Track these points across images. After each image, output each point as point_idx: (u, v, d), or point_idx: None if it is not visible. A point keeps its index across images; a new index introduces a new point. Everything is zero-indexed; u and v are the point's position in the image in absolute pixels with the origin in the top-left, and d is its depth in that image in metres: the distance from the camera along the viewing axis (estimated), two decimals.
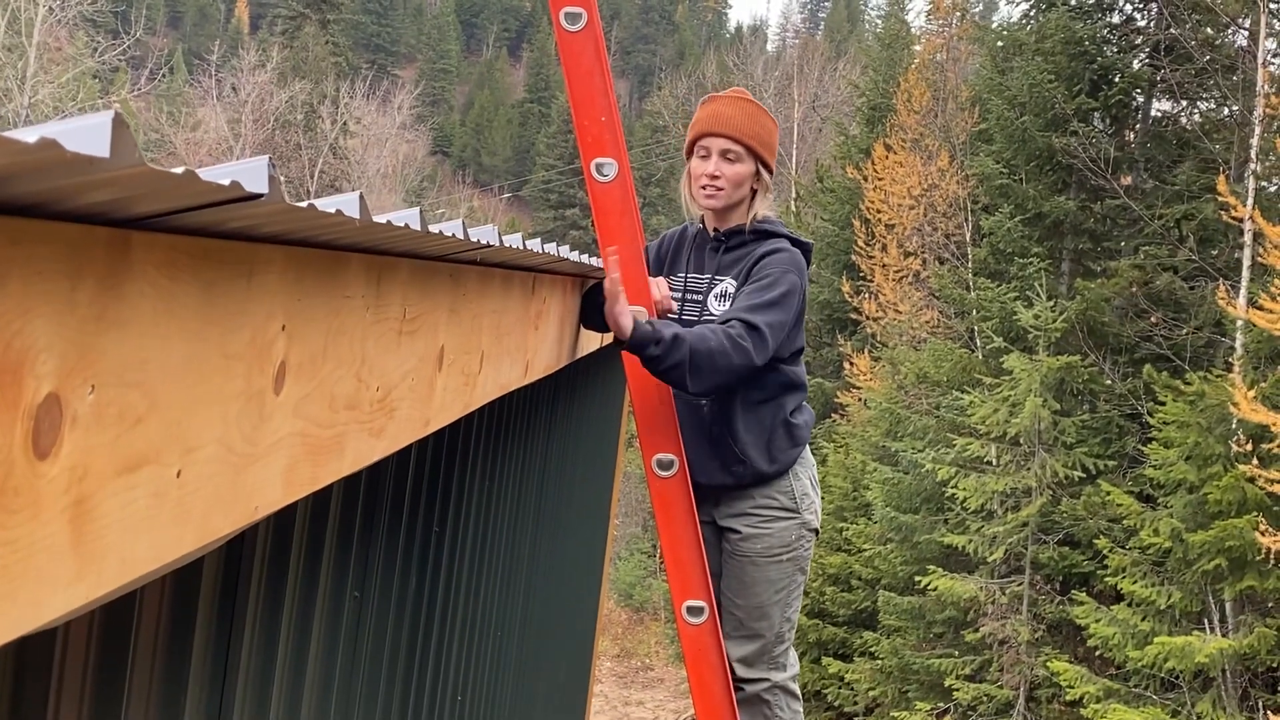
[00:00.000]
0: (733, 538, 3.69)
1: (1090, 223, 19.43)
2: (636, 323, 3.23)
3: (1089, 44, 18.83)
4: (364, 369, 1.41)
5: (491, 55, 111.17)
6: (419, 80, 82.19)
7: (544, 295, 2.88)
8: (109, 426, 0.82)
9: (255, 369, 1.07)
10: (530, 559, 4.34)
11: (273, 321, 1.09)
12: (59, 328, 0.74)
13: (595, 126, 3.42)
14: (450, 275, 1.80)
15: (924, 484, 18.60)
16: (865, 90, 31.33)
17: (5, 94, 40.23)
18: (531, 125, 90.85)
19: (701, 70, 56.22)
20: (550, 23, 3.55)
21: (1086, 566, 17.14)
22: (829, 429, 24.67)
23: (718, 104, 3.72)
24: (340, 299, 1.30)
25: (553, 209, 69.16)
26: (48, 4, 41.13)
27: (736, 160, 3.64)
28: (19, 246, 0.69)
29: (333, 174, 46.12)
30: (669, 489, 3.51)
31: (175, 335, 0.90)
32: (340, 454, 1.36)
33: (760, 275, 3.56)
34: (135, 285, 0.83)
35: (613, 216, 3.46)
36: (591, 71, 3.41)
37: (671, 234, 3.96)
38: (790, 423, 3.68)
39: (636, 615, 30.81)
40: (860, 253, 25.74)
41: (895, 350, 21.94)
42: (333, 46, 58.75)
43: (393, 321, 1.51)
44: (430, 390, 1.76)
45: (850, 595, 20.37)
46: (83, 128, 0.65)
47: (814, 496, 3.77)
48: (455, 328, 1.88)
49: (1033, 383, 16.76)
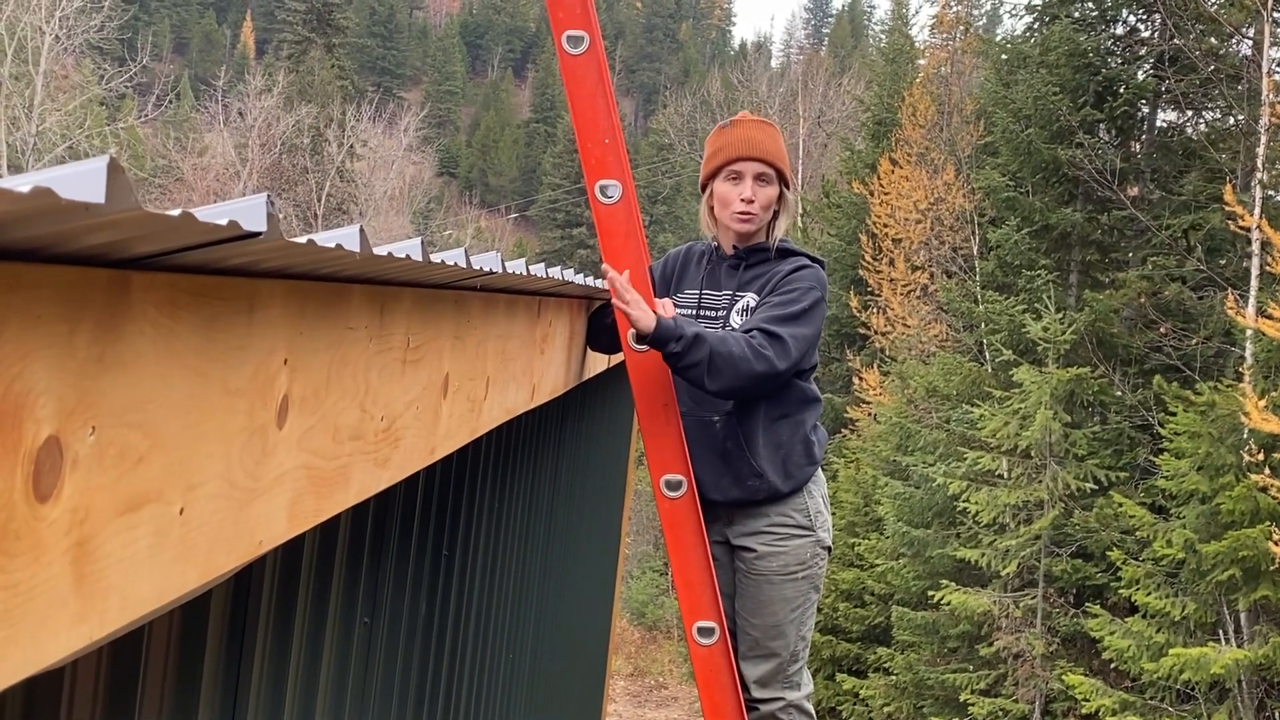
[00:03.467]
0: (747, 556, 3.68)
1: (1097, 234, 19.41)
2: (660, 318, 3.27)
3: (1093, 56, 18.82)
4: (368, 399, 1.41)
5: (497, 76, 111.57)
6: (425, 102, 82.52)
7: (550, 319, 2.88)
8: (110, 467, 0.82)
9: (258, 404, 1.07)
10: (541, 579, 4.33)
11: (275, 356, 1.09)
12: (58, 371, 0.74)
13: (599, 149, 3.43)
14: (454, 302, 1.80)
15: (935, 498, 18.55)
16: (870, 105, 31.35)
17: (13, 122, 40.40)
18: (537, 145, 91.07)
19: (706, 88, 56.30)
20: (554, 45, 3.56)
21: (1100, 579, 17.07)
22: (839, 444, 24.62)
23: (744, 128, 3.74)
24: (343, 330, 1.30)
25: (560, 228, 69.23)
26: (54, 33, 41.31)
27: (768, 183, 3.69)
28: (17, 292, 0.69)
29: (340, 197, 46.22)
30: (678, 510, 3.50)
31: (176, 373, 0.90)
32: (345, 485, 1.36)
33: (785, 289, 3.59)
34: (135, 325, 0.84)
35: (617, 238, 3.47)
36: (594, 94, 3.42)
37: (676, 253, 3.97)
38: (809, 440, 3.69)
39: (649, 634, 30.73)
40: (868, 267, 25.74)
41: (904, 364, 21.91)
42: (338, 70, 58.93)
43: (396, 351, 1.51)
44: (435, 418, 1.76)
45: (863, 611, 20.32)
46: (79, 173, 0.65)
47: (827, 515, 3.77)
48: (460, 354, 1.88)
49: (1043, 395, 16.72)
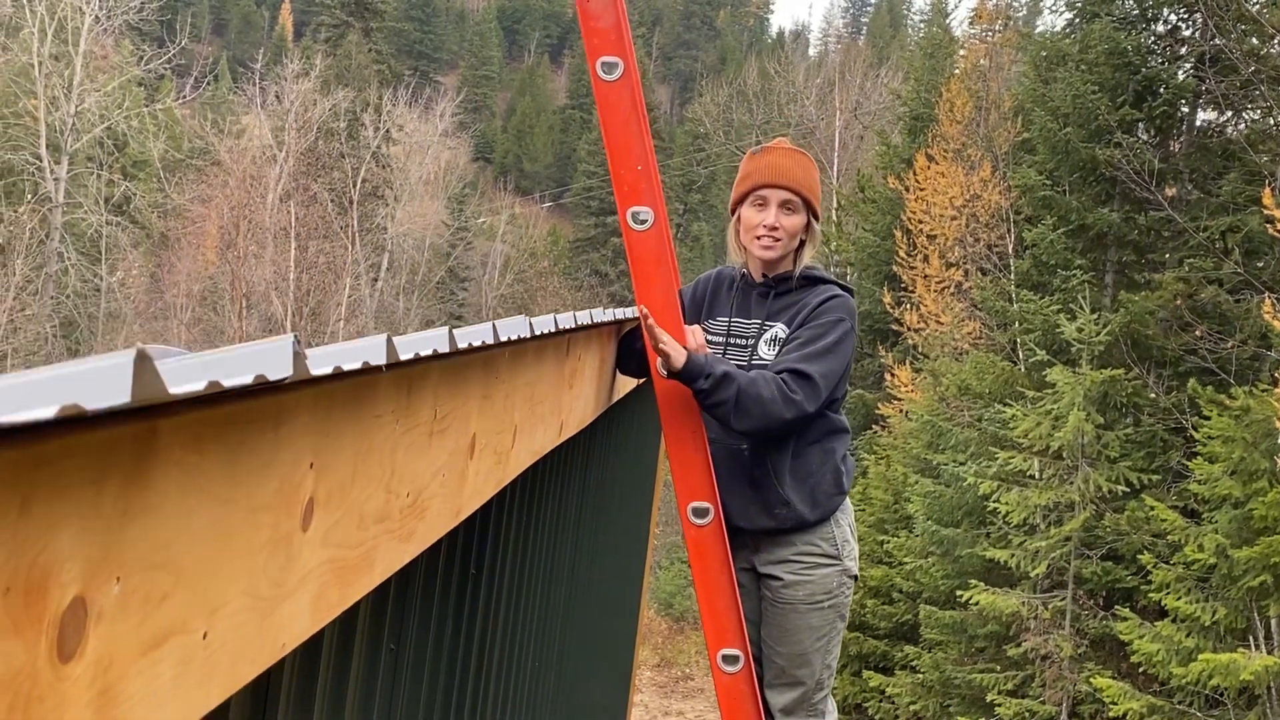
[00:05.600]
0: (774, 585, 3.69)
1: (1134, 235, 19.27)
2: (690, 354, 3.29)
3: (1133, 55, 18.66)
4: (393, 479, 1.42)
5: (533, 61, 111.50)
6: (461, 87, 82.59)
7: (579, 353, 2.88)
8: (134, 612, 0.83)
9: (283, 514, 1.07)
10: (569, 578, 4.34)
11: (300, 463, 1.10)
12: (84, 533, 0.75)
13: (631, 175, 3.43)
14: (482, 364, 1.80)
15: (965, 497, 18.48)
16: (907, 100, 31.19)
17: (52, 102, 40.67)
18: (573, 131, 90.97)
19: (743, 77, 56.13)
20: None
21: (1130, 582, 16.98)
22: (870, 441, 24.56)
23: (774, 156, 3.73)
24: (370, 419, 1.30)
25: (594, 215, 69.14)
26: (94, 13, 41.54)
27: (794, 212, 3.68)
28: (44, 467, 0.70)
29: (375, 181, 46.37)
30: (704, 537, 3.51)
31: (202, 506, 0.91)
32: (369, 569, 1.37)
33: (815, 321, 3.59)
34: (161, 469, 0.84)
35: (648, 265, 3.47)
36: (628, 120, 3.42)
37: (706, 278, 3.97)
38: (839, 470, 3.69)
39: (676, 625, 30.76)
40: (902, 263, 25.62)
41: (937, 362, 21.82)
42: (375, 54, 59.08)
43: (423, 425, 1.52)
44: (462, 480, 1.77)
45: (891, 608, 20.27)
46: (103, 370, 0.66)
47: (854, 543, 3.77)
48: (487, 413, 1.88)
49: (1076, 396, 16.63)
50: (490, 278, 56.17)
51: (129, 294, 40.57)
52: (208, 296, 40.06)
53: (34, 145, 39.97)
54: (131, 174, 44.83)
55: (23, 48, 41.62)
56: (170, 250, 43.73)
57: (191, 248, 43.03)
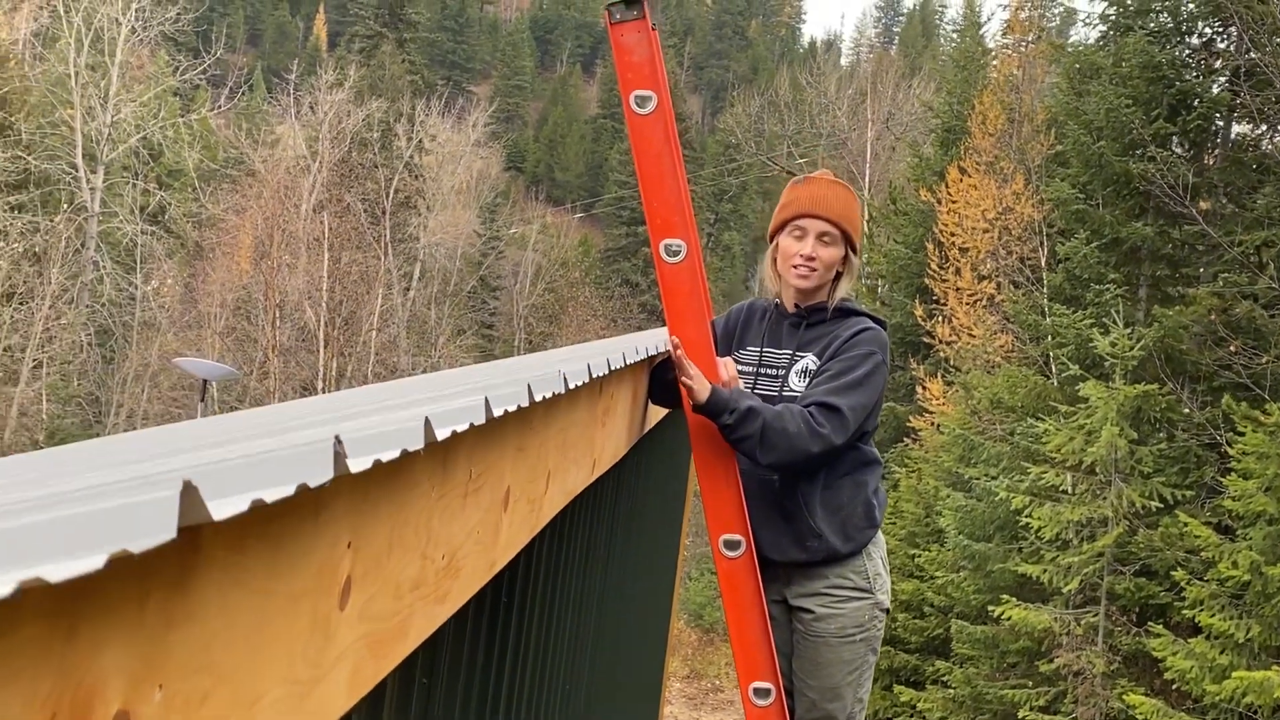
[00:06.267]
0: (805, 618, 3.68)
1: (1168, 249, 19.17)
2: (714, 389, 3.30)
3: (1167, 68, 18.56)
4: (429, 545, 1.42)
5: (565, 71, 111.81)
6: (493, 96, 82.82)
7: (611, 391, 2.89)
8: (174, 716, 0.84)
9: (321, 597, 1.08)
10: (600, 597, 4.34)
11: (339, 544, 1.11)
12: (128, 648, 0.76)
13: (664, 208, 3.44)
14: (517, 419, 1.81)
15: (997, 512, 18.40)
16: (939, 112, 31.12)
17: (89, 112, 41.04)
18: (604, 141, 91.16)
19: (774, 87, 56.10)
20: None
21: (1164, 598, 16.87)
22: (901, 454, 24.49)
23: (815, 186, 3.74)
24: (405, 491, 1.31)
25: (625, 225, 69.23)
26: (130, 24, 41.90)
27: (832, 244, 3.68)
28: (90, 595, 0.71)
29: (408, 191, 46.58)
30: (736, 570, 3.51)
31: (242, 602, 0.92)
32: (404, 636, 1.37)
33: (845, 354, 3.59)
34: (204, 574, 0.85)
35: (681, 297, 3.48)
36: (661, 154, 3.43)
37: (739, 309, 3.98)
38: (870, 503, 3.69)
39: (706, 635, 30.74)
40: (933, 276, 25.56)
41: (969, 375, 21.74)
42: (409, 64, 59.42)
43: (458, 488, 1.52)
44: (496, 534, 1.78)
45: (923, 622, 20.21)
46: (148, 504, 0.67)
47: (886, 576, 3.77)
48: (521, 464, 1.89)
49: (1109, 411, 16.53)
50: (521, 287, 56.29)
51: (163, 303, 40.84)
52: (241, 306, 40.29)
53: (70, 155, 40.32)
54: (166, 184, 45.17)
55: (59, 58, 42.03)
56: (204, 260, 44.01)
57: (225, 257, 43.30)
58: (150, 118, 43.27)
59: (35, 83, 41.95)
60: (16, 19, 44.93)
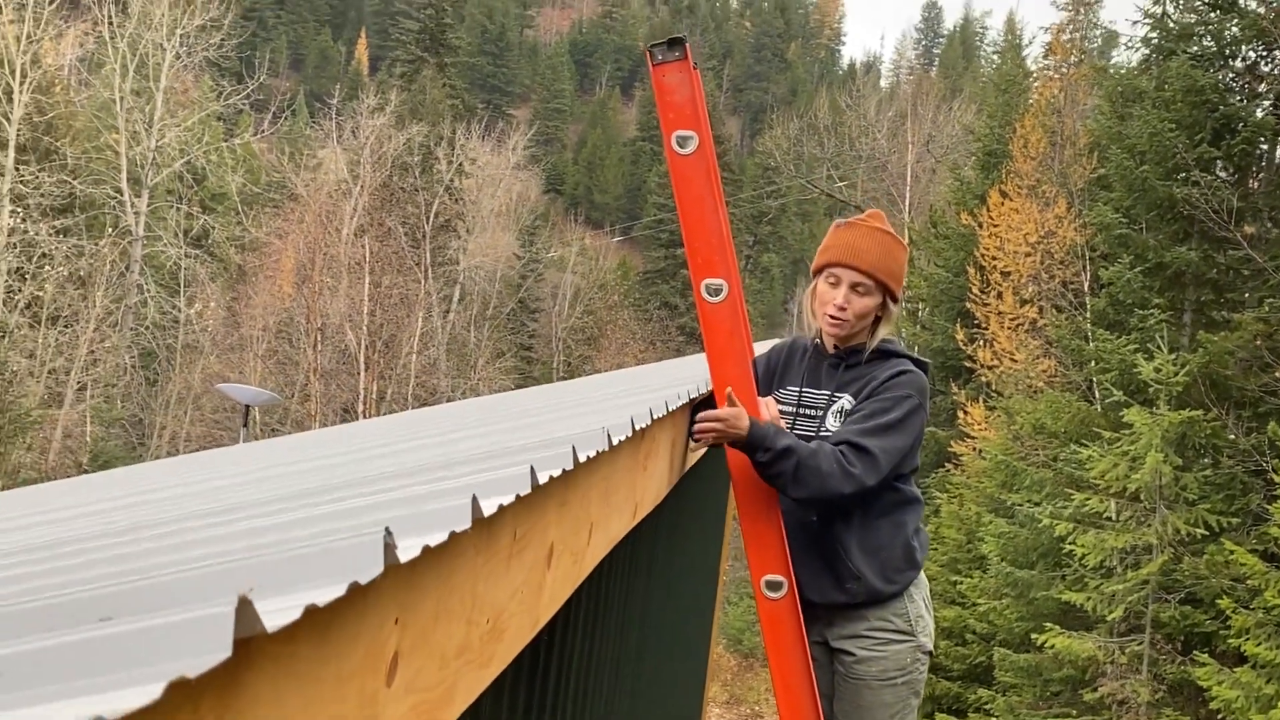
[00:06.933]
0: (847, 660, 3.66)
1: (1213, 274, 19.02)
2: (753, 422, 3.31)
3: (1211, 92, 18.45)
4: (474, 611, 1.42)
5: (604, 94, 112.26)
6: (533, 120, 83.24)
7: (653, 434, 2.88)
8: None
9: (369, 676, 1.08)
10: (640, 628, 4.33)
11: (386, 623, 1.11)
12: None
13: (706, 248, 3.44)
14: (561, 476, 1.81)
15: (1040, 538, 18.27)
16: (980, 136, 31.04)
17: (134, 137, 41.49)
18: (643, 163, 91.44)
19: (814, 110, 56.10)
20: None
21: (1209, 627, 16.69)
22: (942, 479, 24.36)
23: (853, 234, 3.71)
24: (452, 560, 1.31)
25: (663, 247, 69.33)
26: (174, 50, 42.37)
27: (866, 294, 3.65)
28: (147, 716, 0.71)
29: (448, 214, 46.80)
30: (778, 611, 3.50)
31: (292, 693, 0.91)
32: (450, 702, 1.37)
33: (881, 395, 3.57)
34: (255, 671, 0.84)
35: (722, 336, 3.48)
36: (702, 194, 3.43)
37: (780, 347, 3.97)
38: (910, 544, 3.66)
39: (745, 661, 30.63)
40: (975, 300, 25.46)
41: (1011, 400, 21.62)
42: (449, 88, 59.78)
43: (502, 551, 1.52)
44: (539, 592, 1.78)
45: (965, 650, 20.06)
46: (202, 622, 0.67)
47: (928, 618, 3.74)
48: (565, 518, 1.88)
49: (1153, 437, 16.40)
50: (560, 309, 56.45)
51: (206, 326, 41.17)
52: (283, 329, 40.57)
53: (115, 179, 40.77)
54: (210, 207, 45.58)
55: (105, 84, 42.55)
56: (247, 283, 44.36)
57: (267, 281, 43.63)
58: (194, 142, 43.71)
59: (81, 108, 42.52)
60: (63, 45, 45.51)
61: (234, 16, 46.70)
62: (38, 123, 37.56)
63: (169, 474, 4.81)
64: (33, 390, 29.99)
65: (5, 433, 24.13)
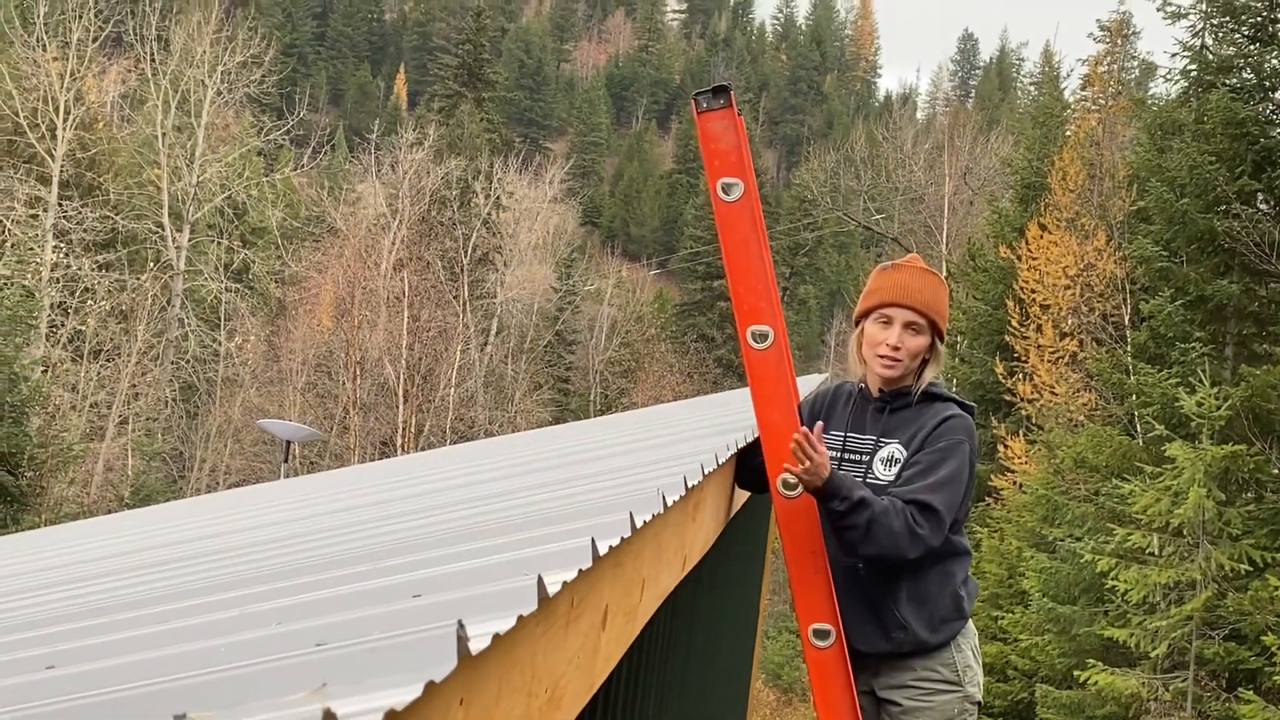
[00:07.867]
0: (893, 710, 3.63)
1: (1254, 307, 18.87)
2: (834, 471, 3.30)
3: (1251, 125, 18.35)
4: (533, 682, 1.42)
5: (641, 127, 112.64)
6: (570, 153, 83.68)
7: (702, 485, 2.88)
8: None
9: None
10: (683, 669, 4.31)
11: (451, 705, 1.11)
12: None
13: (751, 295, 3.44)
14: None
15: (1082, 574, 18.10)
16: (1018, 168, 30.97)
17: (175, 172, 41.92)
18: (679, 196, 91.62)
19: (850, 142, 56.12)
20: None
21: (1254, 663, 16.49)
22: (983, 513, 24.21)
23: (901, 275, 3.72)
24: (513, 634, 1.31)
25: (700, 280, 69.38)
26: (216, 86, 42.83)
27: (918, 333, 3.65)
28: None
29: (485, 248, 47.00)
30: (826, 660, 3.48)
31: None
32: None
33: (934, 445, 3.55)
34: None
35: (768, 383, 3.47)
36: (747, 240, 3.44)
37: (825, 391, 3.95)
38: (959, 594, 3.64)
39: (785, 695, 30.44)
40: (1014, 333, 25.35)
41: (1051, 434, 21.47)
42: (487, 123, 60.13)
43: (560, 619, 1.52)
44: (595, 655, 1.77)
45: (1006, 686, 19.88)
46: None
47: (976, 668, 3.70)
48: (618, 580, 1.88)
49: (1196, 472, 16.24)
50: (597, 342, 56.52)
51: (246, 360, 41.43)
52: (322, 362, 40.78)
53: (157, 214, 41.16)
54: (250, 242, 45.94)
55: (147, 120, 43.03)
56: (286, 317, 44.64)
57: (307, 314, 43.90)
58: (235, 177, 44.14)
59: (123, 144, 42.97)
60: (105, 82, 46.07)
61: (274, 53, 47.16)
62: (81, 159, 38.02)
63: (220, 511, 4.81)
64: (75, 424, 30.23)
65: (48, 467, 24.33)
